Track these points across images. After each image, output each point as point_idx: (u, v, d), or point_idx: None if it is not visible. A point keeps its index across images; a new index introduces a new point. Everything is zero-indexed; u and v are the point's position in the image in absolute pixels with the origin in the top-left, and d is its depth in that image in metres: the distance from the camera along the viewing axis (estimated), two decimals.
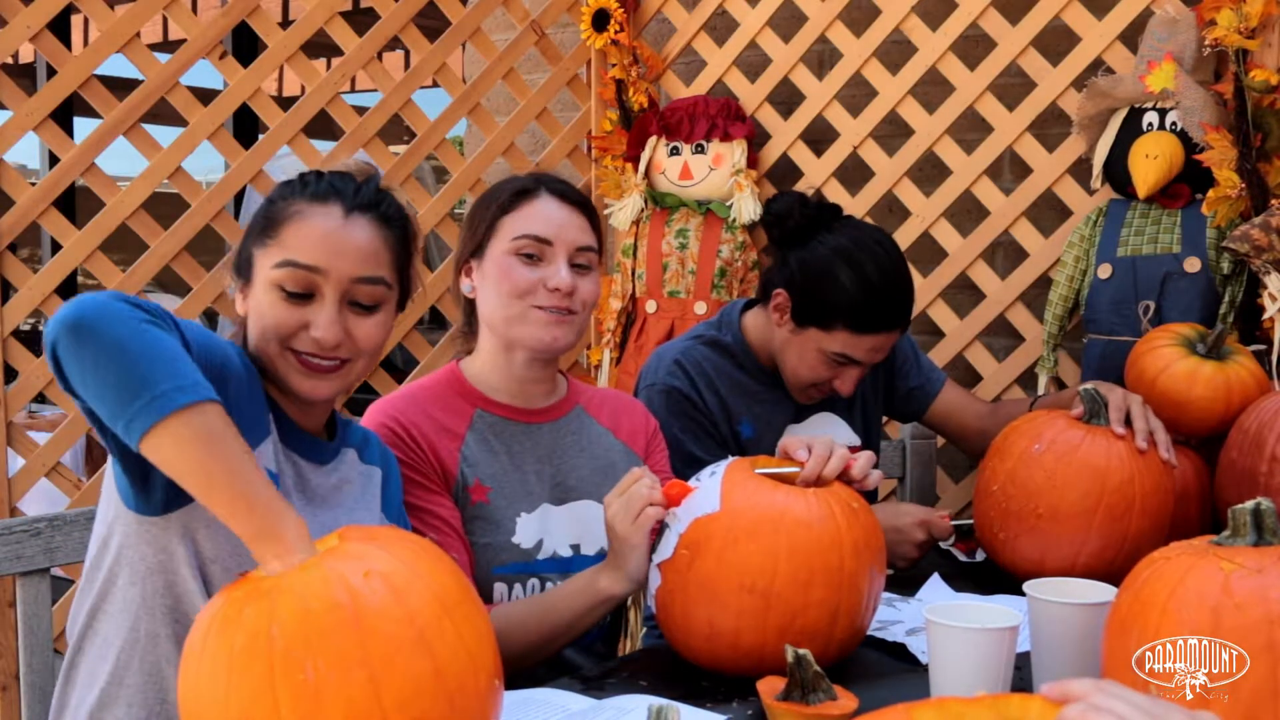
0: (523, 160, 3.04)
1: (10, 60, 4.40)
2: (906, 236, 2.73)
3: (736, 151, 2.92)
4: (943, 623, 1.35)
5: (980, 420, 2.24)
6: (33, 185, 2.48)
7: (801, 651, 1.31)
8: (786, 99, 2.97)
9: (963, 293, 2.79)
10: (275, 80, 7.42)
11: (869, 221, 2.29)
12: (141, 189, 2.57)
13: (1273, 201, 2.16)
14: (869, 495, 1.61)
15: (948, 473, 2.78)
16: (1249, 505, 1.18)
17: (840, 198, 2.83)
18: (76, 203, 4.30)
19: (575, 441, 1.81)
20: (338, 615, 1.02)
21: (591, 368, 3.13)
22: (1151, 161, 2.26)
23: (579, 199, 1.76)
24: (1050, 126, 2.66)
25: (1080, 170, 2.54)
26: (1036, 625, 1.42)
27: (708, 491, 1.49)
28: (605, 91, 3.10)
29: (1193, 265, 2.25)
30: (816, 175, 2.90)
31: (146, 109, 2.55)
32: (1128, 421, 1.80)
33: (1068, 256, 2.45)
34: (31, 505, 2.50)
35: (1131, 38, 2.42)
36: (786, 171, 2.97)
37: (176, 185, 2.64)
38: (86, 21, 6.74)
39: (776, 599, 1.43)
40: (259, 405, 1.40)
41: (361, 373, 1.47)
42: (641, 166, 3.01)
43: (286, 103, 2.95)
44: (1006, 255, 2.86)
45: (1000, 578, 1.85)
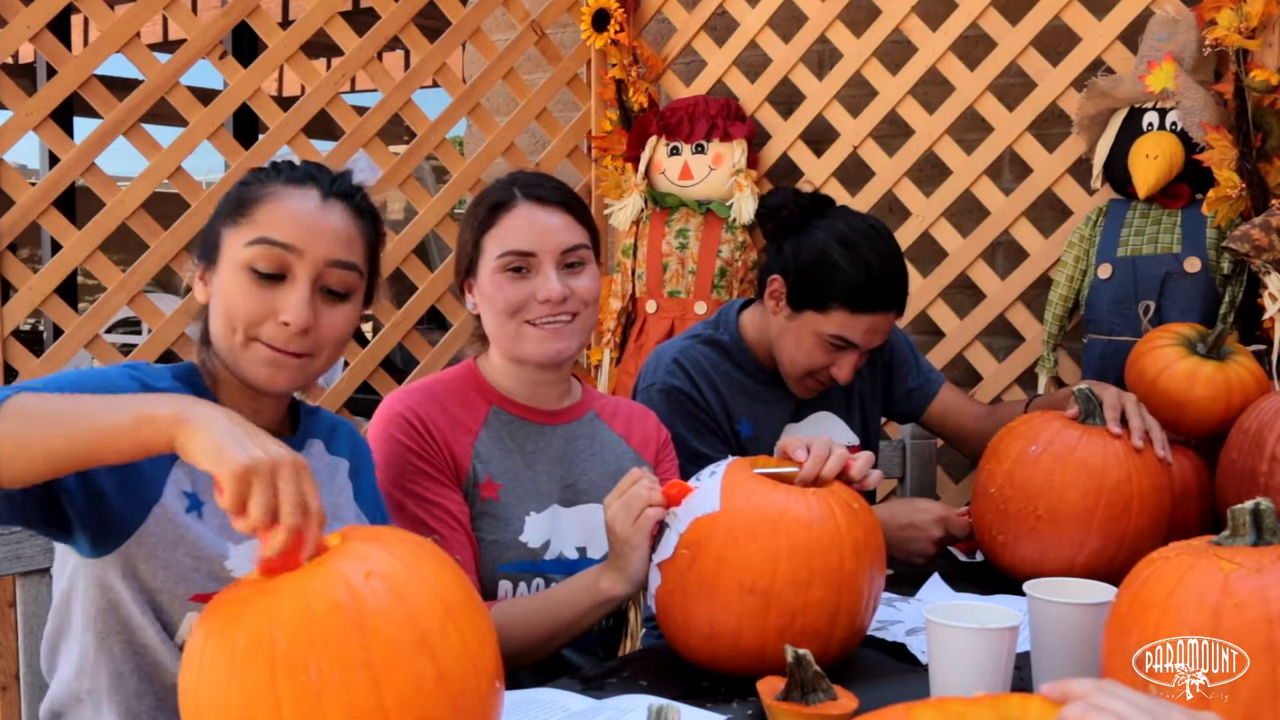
0: (523, 160, 3.04)
1: (10, 60, 4.40)
2: (906, 236, 2.73)
3: (736, 151, 2.92)
4: (943, 623, 1.35)
5: (977, 422, 2.25)
6: (33, 185, 2.48)
7: (801, 651, 1.31)
8: (786, 99, 2.97)
9: (963, 293, 2.79)
10: (275, 80, 7.43)
11: None
12: (141, 189, 2.57)
13: (1273, 201, 2.16)
14: (868, 495, 1.61)
15: (948, 473, 2.78)
16: (1248, 505, 1.18)
17: (840, 198, 2.83)
18: (76, 203, 4.30)
19: (588, 445, 1.80)
20: (340, 616, 1.02)
21: (591, 368, 3.13)
22: (1152, 161, 2.26)
23: (559, 197, 1.73)
24: (1050, 126, 2.66)
25: (1080, 170, 2.54)
26: (1036, 625, 1.42)
27: (708, 491, 1.49)
28: (605, 91, 3.10)
29: (1193, 265, 2.25)
30: (816, 175, 2.90)
31: (146, 109, 2.55)
32: (1124, 421, 1.80)
33: (1068, 256, 2.45)
34: None
35: (1131, 38, 2.42)
36: (786, 171, 2.97)
37: (176, 185, 2.64)
38: (86, 21, 6.73)
39: (776, 599, 1.43)
40: None
41: (322, 368, 1.43)
42: (641, 166, 3.01)
43: (286, 103, 2.95)
44: (1006, 255, 2.86)
45: (1000, 577, 1.85)
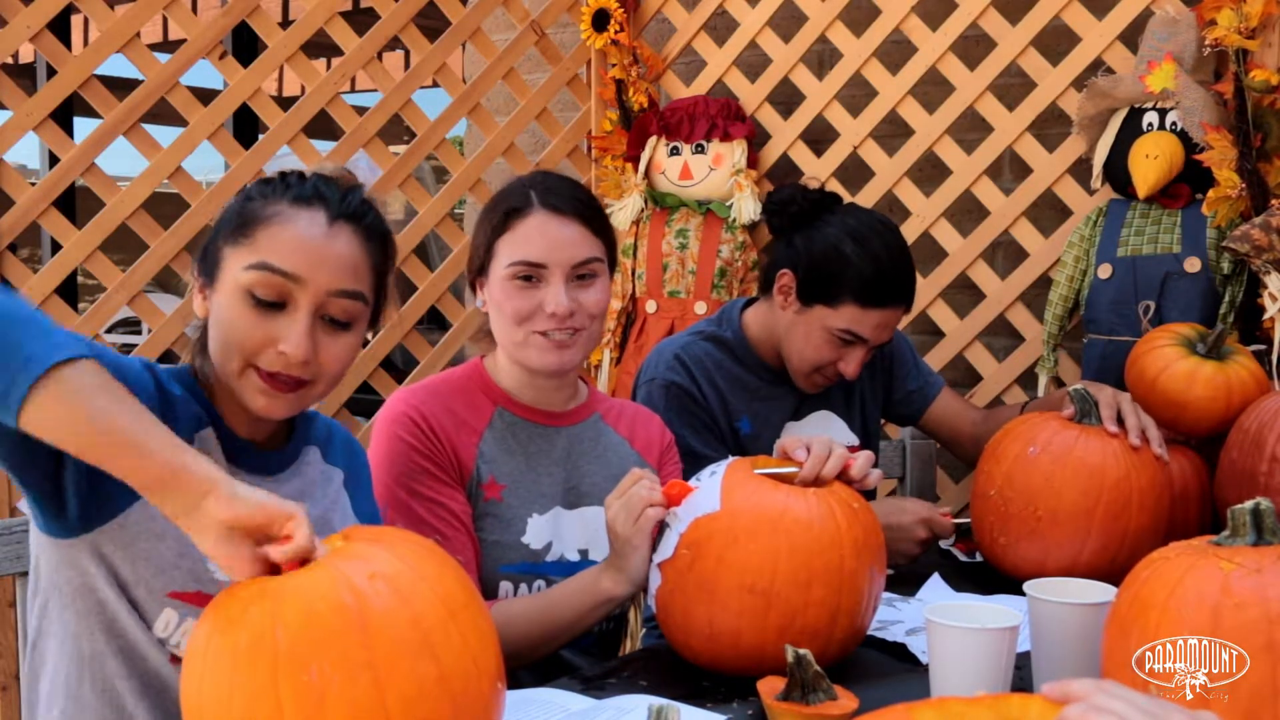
0: (523, 160, 3.04)
1: (10, 60, 4.40)
2: (906, 236, 2.71)
3: (736, 151, 2.92)
4: (943, 623, 1.35)
5: (974, 426, 2.25)
6: (33, 185, 2.48)
7: (801, 651, 1.31)
8: (786, 99, 2.97)
9: (963, 293, 2.79)
10: (275, 80, 7.42)
11: None
12: (141, 189, 2.57)
13: (1273, 201, 2.16)
14: (867, 494, 1.61)
15: (948, 473, 2.78)
16: (1248, 505, 1.18)
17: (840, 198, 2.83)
18: (76, 203, 4.30)
19: (591, 448, 1.80)
20: (343, 617, 1.02)
21: (591, 368, 3.13)
22: (1151, 161, 2.26)
23: (577, 207, 1.69)
24: (1050, 126, 2.66)
25: (1080, 170, 2.54)
26: (1036, 625, 1.42)
27: (708, 491, 1.49)
28: (605, 91, 3.10)
29: (1193, 265, 2.25)
30: (816, 175, 2.89)
31: (146, 109, 2.55)
32: (1120, 420, 1.80)
33: (1068, 256, 2.45)
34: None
35: (1131, 38, 2.42)
36: (786, 171, 2.97)
37: (176, 185, 2.64)
38: (86, 21, 6.74)
39: (776, 599, 1.43)
40: (181, 424, 1.32)
41: (319, 396, 1.37)
42: (641, 166, 3.01)
43: (286, 103, 2.95)
44: (1006, 255, 2.86)
45: (1000, 577, 1.85)
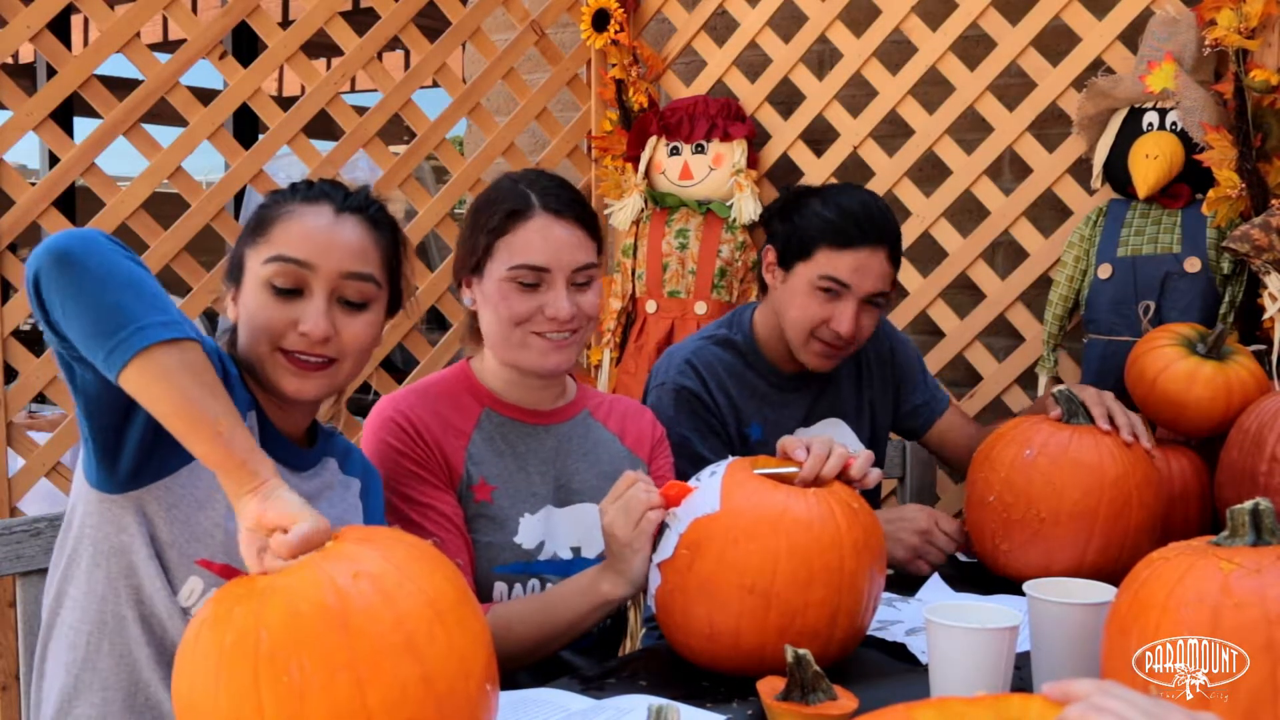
0: (523, 160, 3.04)
1: (10, 60, 4.40)
2: (906, 237, 2.72)
3: (736, 151, 2.92)
4: (943, 623, 1.35)
5: (971, 441, 2.24)
6: (33, 185, 2.48)
7: (801, 651, 1.31)
8: (786, 99, 2.97)
9: (963, 293, 2.79)
10: (275, 80, 7.43)
11: None
12: (141, 189, 2.57)
13: (1273, 201, 2.16)
14: (870, 496, 1.60)
15: (948, 474, 2.78)
16: (1248, 505, 1.18)
17: None
18: (76, 203, 4.30)
19: (581, 445, 1.80)
20: (325, 617, 1.02)
21: (591, 368, 3.13)
22: (1151, 161, 2.26)
23: (576, 211, 1.70)
24: (1050, 126, 2.66)
25: (1080, 170, 2.54)
26: (1036, 625, 1.42)
27: (708, 492, 1.49)
28: (605, 91, 3.10)
29: (1193, 265, 2.25)
30: (816, 175, 2.90)
31: (146, 109, 2.55)
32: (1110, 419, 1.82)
33: (1068, 256, 2.45)
34: (31, 505, 2.50)
35: (1131, 38, 2.42)
36: (786, 171, 2.97)
37: (176, 185, 2.64)
38: (86, 21, 6.74)
39: (776, 599, 1.43)
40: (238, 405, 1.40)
41: (349, 375, 1.47)
42: (641, 166, 3.01)
43: (286, 103, 2.95)
44: (1006, 255, 2.86)
45: (1001, 577, 1.85)
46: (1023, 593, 1.45)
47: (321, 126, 2.82)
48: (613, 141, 3.09)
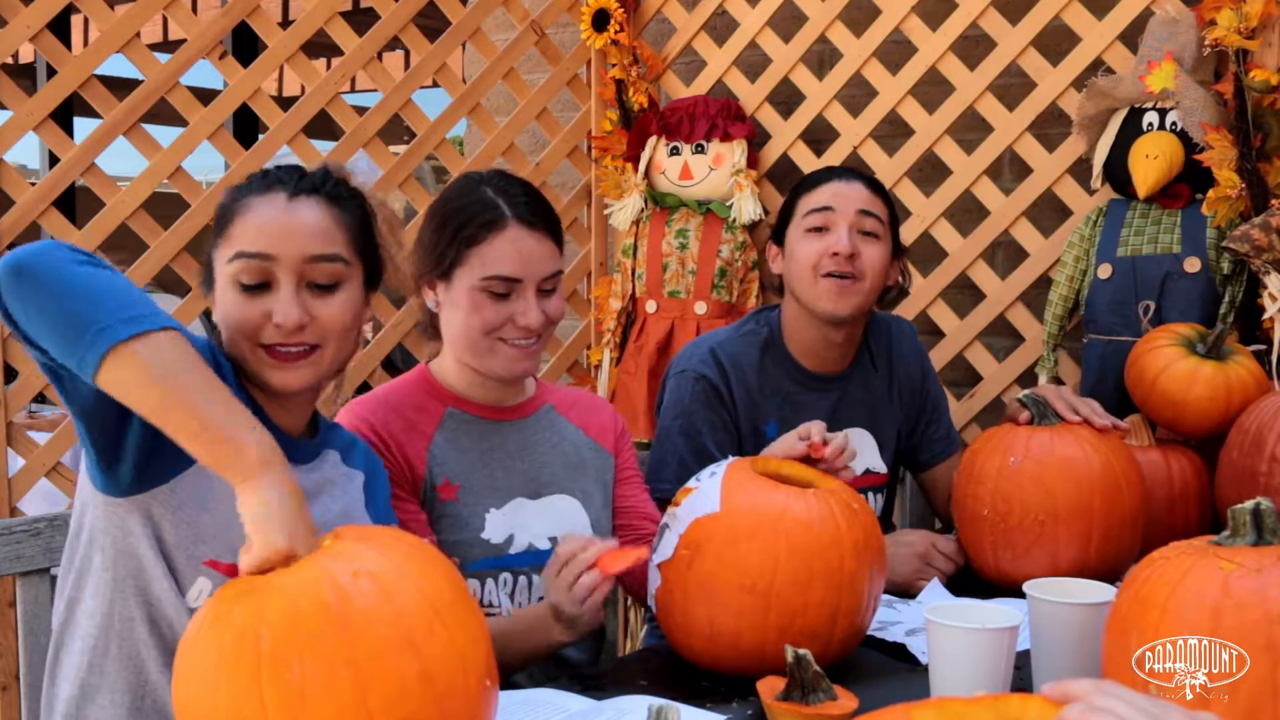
0: (523, 160, 3.04)
1: (10, 60, 4.40)
2: (906, 237, 2.72)
3: (736, 151, 2.91)
4: (943, 623, 1.35)
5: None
6: (33, 185, 2.48)
7: (801, 651, 1.31)
8: (786, 99, 2.97)
9: (963, 293, 2.78)
10: (275, 80, 7.42)
11: None
12: (141, 189, 2.57)
13: (1273, 201, 2.16)
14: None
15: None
16: (1249, 505, 1.18)
17: None
18: (76, 203, 4.30)
19: (547, 438, 1.83)
20: (325, 615, 1.02)
21: (591, 368, 3.13)
22: (1151, 161, 2.26)
23: (545, 220, 1.73)
24: (1050, 126, 2.66)
25: (1080, 170, 2.54)
26: (1036, 625, 1.42)
27: (707, 492, 1.49)
28: (605, 91, 3.10)
29: (1193, 265, 2.25)
30: None
31: (146, 109, 2.55)
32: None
33: (1068, 256, 2.45)
34: (31, 505, 2.50)
35: (1131, 38, 2.41)
36: (786, 171, 2.97)
37: (176, 185, 2.64)
38: (86, 21, 6.74)
39: (776, 599, 1.43)
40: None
41: (334, 358, 1.45)
42: (641, 166, 3.01)
43: (286, 103, 2.95)
44: (1006, 255, 2.85)
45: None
46: (1023, 593, 1.45)
47: (321, 126, 2.82)
48: (613, 141, 3.09)
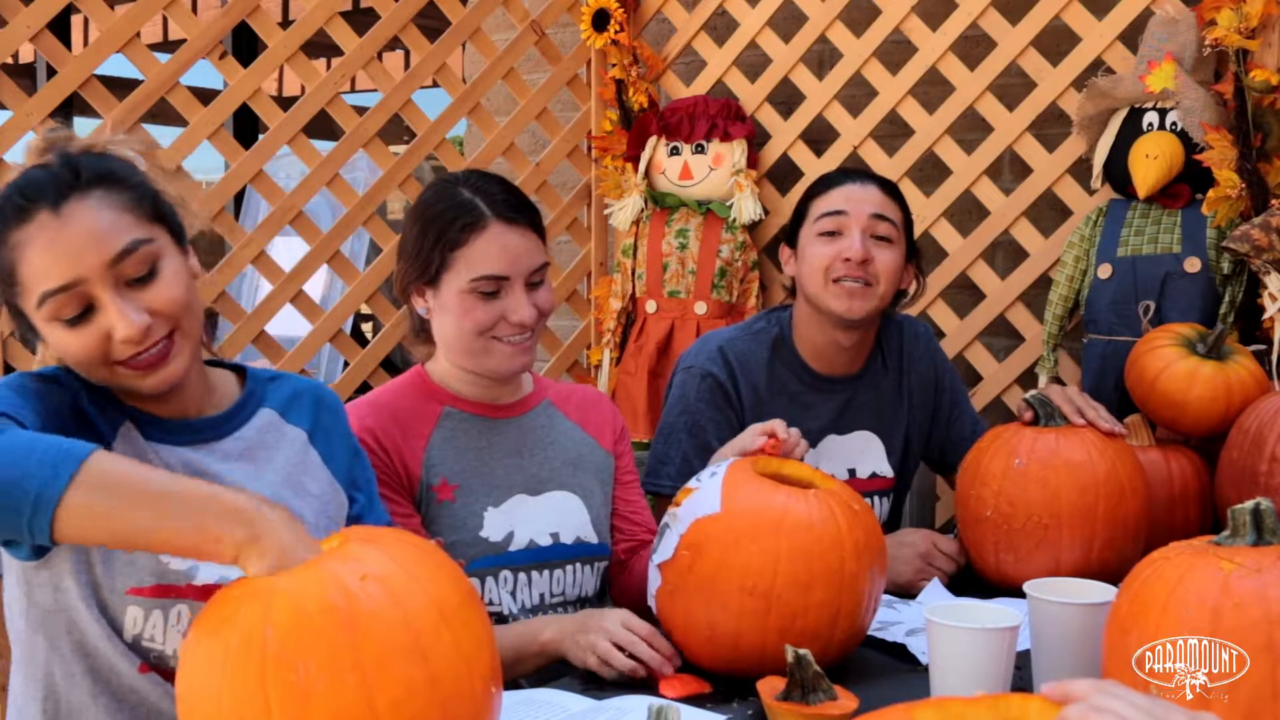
0: (523, 160, 3.04)
1: (10, 60, 4.40)
2: None
3: (736, 151, 2.92)
4: (943, 623, 1.35)
5: None
6: None
7: (802, 652, 1.31)
8: (786, 99, 2.97)
9: (963, 293, 2.79)
10: (275, 80, 7.42)
11: None
12: None
13: (1273, 201, 2.16)
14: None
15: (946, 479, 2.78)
16: (1249, 505, 1.18)
17: None
18: None
19: (546, 435, 1.83)
20: (332, 617, 1.02)
21: (591, 367, 3.13)
22: (1151, 161, 2.26)
23: (526, 214, 1.73)
24: (1050, 126, 2.66)
25: (1080, 170, 2.54)
26: (1036, 625, 1.42)
27: (708, 492, 1.49)
28: (605, 91, 3.10)
29: (1193, 265, 2.25)
30: (816, 175, 2.88)
31: (146, 109, 2.55)
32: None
33: (1068, 256, 2.45)
34: None
35: (1131, 38, 2.41)
36: (786, 171, 2.97)
37: None
38: (86, 21, 6.74)
39: (777, 600, 1.43)
40: (109, 422, 1.33)
41: (193, 331, 1.33)
42: (641, 166, 3.01)
43: (286, 103, 2.95)
44: (1006, 255, 2.85)
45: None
46: (1023, 593, 1.45)
47: (321, 126, 2.82)
48: (613, 141, 3.09)
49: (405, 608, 1.05)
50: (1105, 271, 2.34)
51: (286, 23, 5.67)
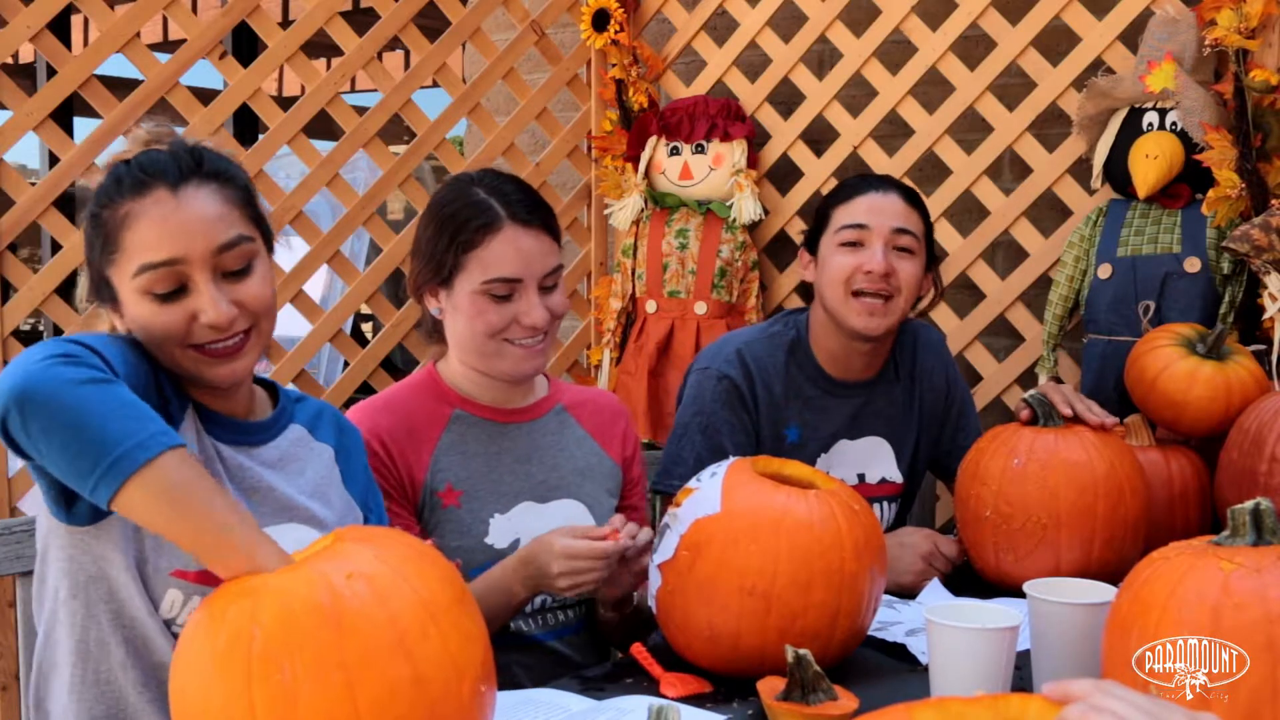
0: (523, 160, 3.04)
1: (10, 60, 4.40)
2: None
3: (736, 151, 2.92)
4: (943, 623, 1.35)
5: None
6: (33, 185, 2.48)
7: (802, 652, 1.31)
8: (786, 99, 2.97)
9: (963, 293, 2.79)
10: (275, 80, 7.42)
11: None
12: None
13: (1273, 201, 2.16)
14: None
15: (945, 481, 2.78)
16: (1248, 505, 1.18)
17: None
18: (77, 203, 4.29)
19: (555, 441, 1.82)
20: (317, 616, 1.02)
21: (591, 368, 3.13)
22: (1151, 161, 2.26)
23: (541, 216, 1.72)
24: (1050, 126, 2.66)
25: (1080, 170, 2.54)
26: (1036, 625, 1.42)
27: (708, 492, 1.49)
28: (605, 91, 3.10)
29: (1193, 265, 2.25)
30: (816, 175, 2.90)
31: (146, 109, 2.55)
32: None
33: (1068, 256, 2.45)
34: (31, 505, 2.50)
35: (1131, 38, 2.41)
36: (786, 171, 2.97)
37: None
38: (86, 21, 6.73)
39: (777, 601, 1.43)
40: (172, 408, 1.35)
41: (268, 335, 1.40)
42: (641, 166, 3.01)
43: (286, 103, 2.95)
44: (1006, 255, 2.85)
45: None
46: (1023, 593, 1.45)
47: (321, 126, 2.82)
48: (613, 141, 3.09)
49: (391, 607, 1.05)
50: (1105, 271, 2.34)
51: (286, 23, 5.67)
